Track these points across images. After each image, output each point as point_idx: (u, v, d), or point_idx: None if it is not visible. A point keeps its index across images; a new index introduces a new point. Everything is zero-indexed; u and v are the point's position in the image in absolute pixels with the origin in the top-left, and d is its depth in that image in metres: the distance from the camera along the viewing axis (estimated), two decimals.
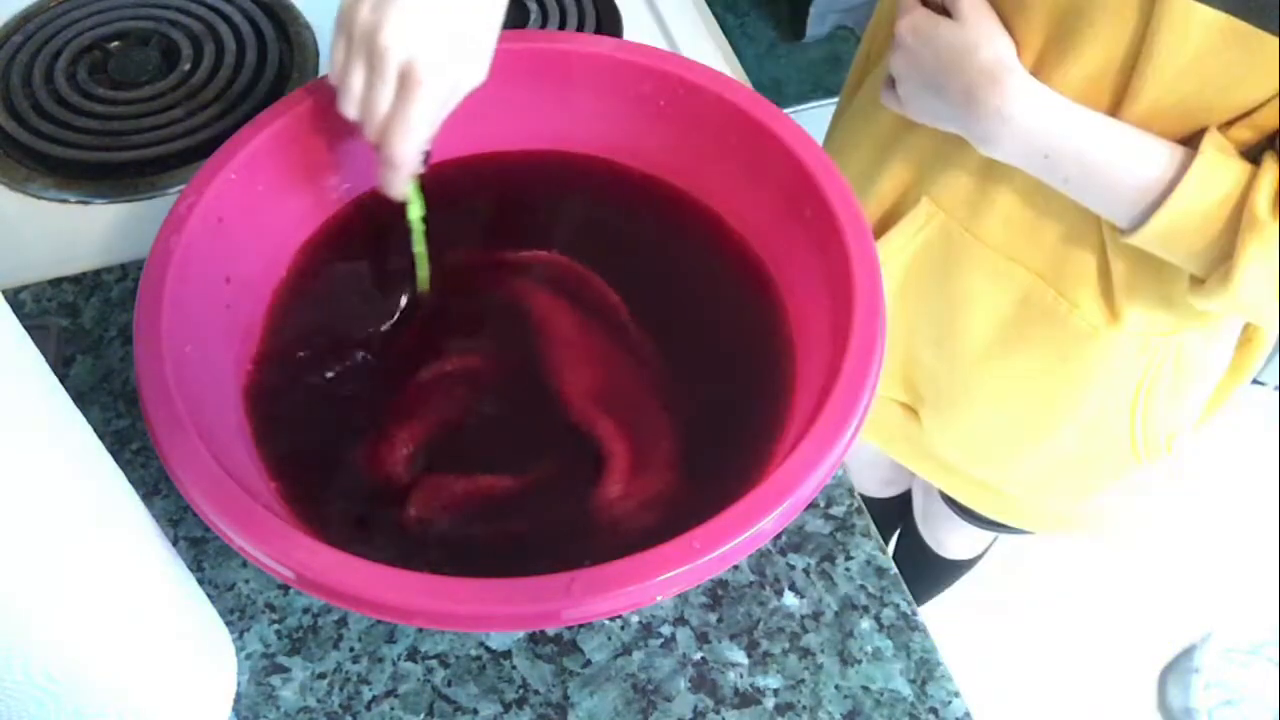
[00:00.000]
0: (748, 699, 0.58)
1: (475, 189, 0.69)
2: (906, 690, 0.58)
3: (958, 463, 0.88)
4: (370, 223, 0.68)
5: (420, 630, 0.59)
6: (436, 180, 0.70)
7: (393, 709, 0.57)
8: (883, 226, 0.77)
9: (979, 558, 1.27)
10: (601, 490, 0.57)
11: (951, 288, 0.75)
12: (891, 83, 0.67)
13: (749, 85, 0.68)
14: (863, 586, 0.61)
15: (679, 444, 0.60)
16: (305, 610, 0.60)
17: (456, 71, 0.56)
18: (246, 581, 0.60)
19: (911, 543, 1.25)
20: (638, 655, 0.59)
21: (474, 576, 0.46)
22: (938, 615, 1.29)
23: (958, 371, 0.79)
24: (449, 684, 0.58)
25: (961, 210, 0.71)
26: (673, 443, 0.60)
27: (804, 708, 0.57)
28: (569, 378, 0.62)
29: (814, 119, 0.92)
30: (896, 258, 0.77)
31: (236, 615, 0.59)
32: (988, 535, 1.21)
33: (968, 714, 0.58)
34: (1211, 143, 0.57)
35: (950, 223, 0.72)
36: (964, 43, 0.61)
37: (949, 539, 1.20)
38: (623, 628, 0.60)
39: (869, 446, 1.16)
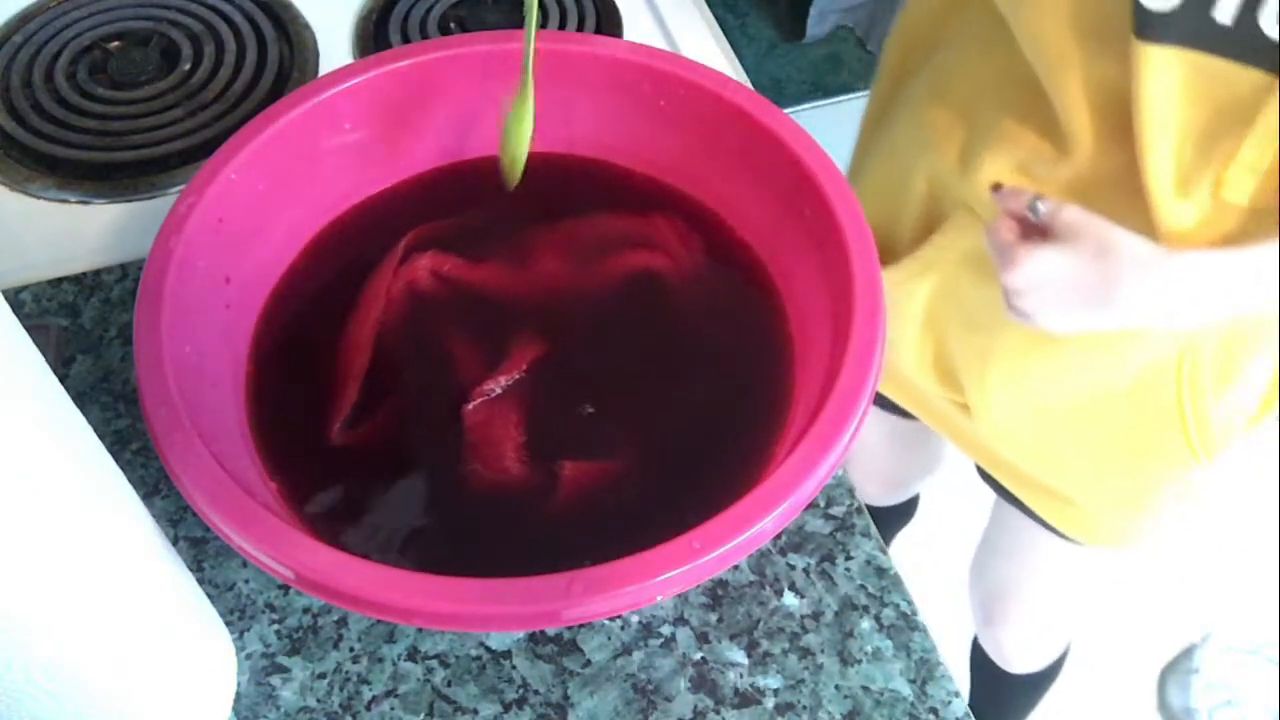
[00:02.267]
0: (748, 699, 0.58)
1: (474, 191, 0.69)
2: (906, 690, 0.58)
3: (1014, 460, 0.86)
4: (371, 223, 0.68)
5: (420, 630, 0.59)
6: (435, 184, 0.70)
7: (393, 709, 0.57)
8: (925, 230, 0.76)
9: (1053, 669, 1.16)
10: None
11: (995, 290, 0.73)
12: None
13: (749, 85, 0.68)
14: (863, 586, 0.61)
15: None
16: (305, 610, 0.60)
17: None
18: (246, 581, 0.60)
19: (977, 656, 1.17)
20: (638, 655, 0.59)
21: (474, 576, 0.46)
22: (938, 615, 1.29)
23: (996, 361, 0.77)
24: (449, 684, 0.58)
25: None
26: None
27: (804, 708, 0.57)
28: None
29: (814, 119, 0.92)
30: (938, 265, 0.75)
31: (236, 615, 0.59)
32: (1059, 642, 1.14)
33: (968, 714, 0.58)
34: None
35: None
36: (1094, 268, 0.60)
37: (1009, 647, 1.12)
38: (623, 628, 0.60)
39: (869, 454, 1.15)
